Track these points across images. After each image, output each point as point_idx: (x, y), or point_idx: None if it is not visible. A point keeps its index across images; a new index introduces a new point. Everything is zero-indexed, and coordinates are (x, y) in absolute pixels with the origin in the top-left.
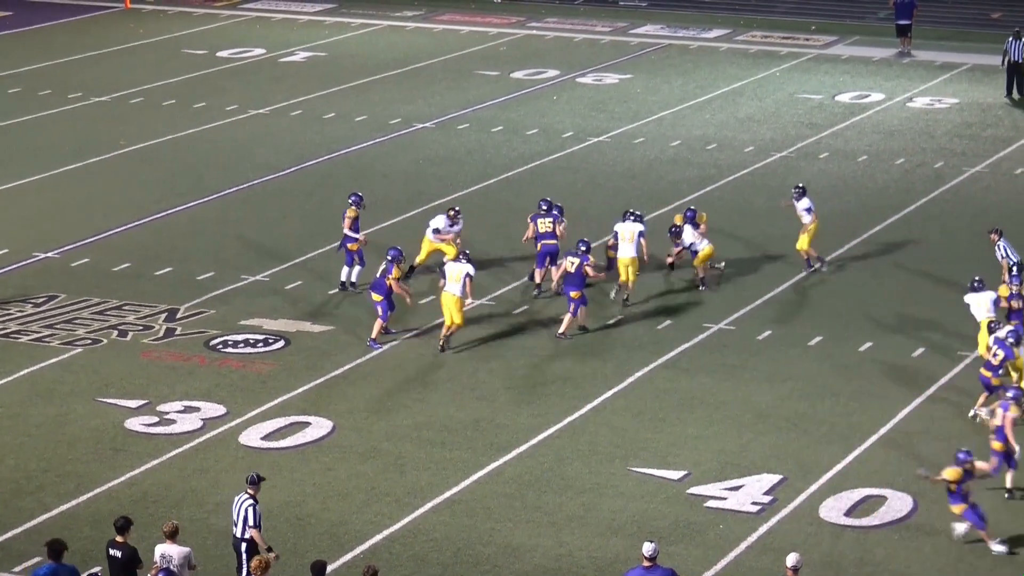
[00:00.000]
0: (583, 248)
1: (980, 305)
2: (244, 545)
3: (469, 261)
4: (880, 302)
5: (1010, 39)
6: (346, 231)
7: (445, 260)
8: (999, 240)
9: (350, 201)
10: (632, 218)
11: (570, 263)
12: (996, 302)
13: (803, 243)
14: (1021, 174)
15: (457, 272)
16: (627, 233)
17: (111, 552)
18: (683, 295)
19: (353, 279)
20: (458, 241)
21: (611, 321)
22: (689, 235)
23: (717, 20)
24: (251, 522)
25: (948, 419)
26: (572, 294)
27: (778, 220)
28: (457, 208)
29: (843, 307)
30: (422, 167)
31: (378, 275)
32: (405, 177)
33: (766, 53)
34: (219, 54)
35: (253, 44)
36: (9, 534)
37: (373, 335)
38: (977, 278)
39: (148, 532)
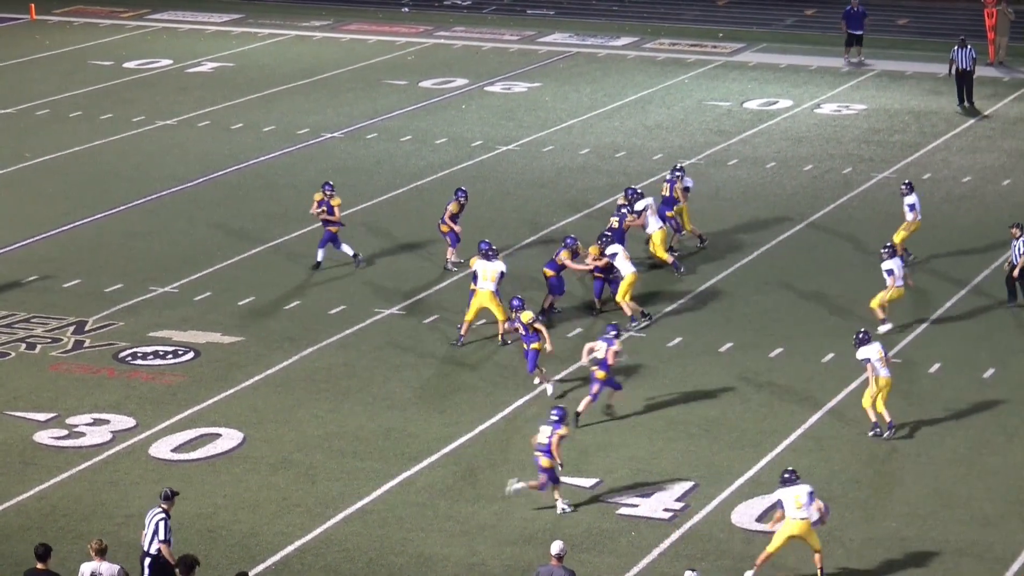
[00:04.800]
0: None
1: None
2: (148, 560)
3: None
4: (789, 308)
5: (955, 48)
6: (445, 220)
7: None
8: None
9: (456, 197)
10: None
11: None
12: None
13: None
14: (928, 179)
15: (492, 271)
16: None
17: None
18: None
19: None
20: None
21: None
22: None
23: (625, 28)
24: (162, 536)
25: (857, 423)
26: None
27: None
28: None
29: (752, 313)
30: (331, 177)
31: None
32: (313, 187)
33: (674, 61)
34: (126, 65)
35: (160, 55)
36: None
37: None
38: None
39: (59, 546)
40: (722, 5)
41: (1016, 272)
